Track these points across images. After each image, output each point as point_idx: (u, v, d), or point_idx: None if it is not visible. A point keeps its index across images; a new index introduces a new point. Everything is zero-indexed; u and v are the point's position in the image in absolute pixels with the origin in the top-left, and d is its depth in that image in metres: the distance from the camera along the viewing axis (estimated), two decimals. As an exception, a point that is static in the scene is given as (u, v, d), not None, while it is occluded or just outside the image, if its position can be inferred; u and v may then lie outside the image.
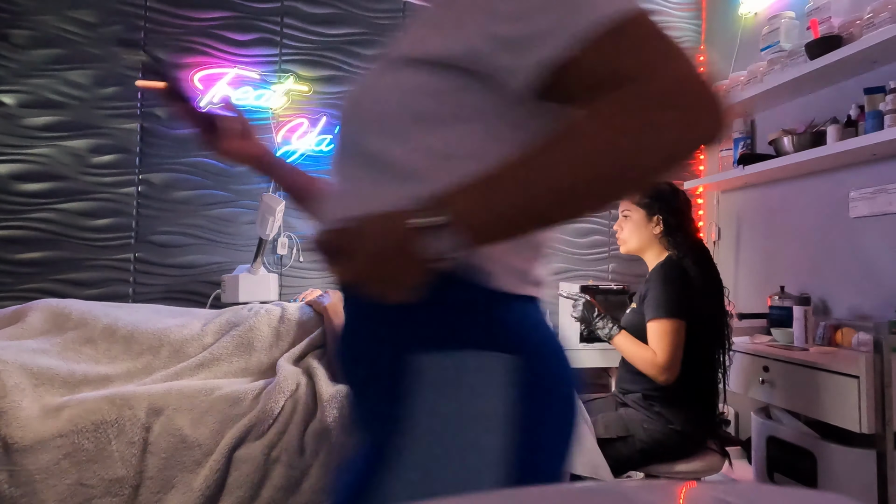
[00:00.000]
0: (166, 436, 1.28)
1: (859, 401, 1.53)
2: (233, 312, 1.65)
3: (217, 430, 1.31)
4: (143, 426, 1.27)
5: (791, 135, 2.11)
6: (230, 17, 2.41)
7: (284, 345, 1.59)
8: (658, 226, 1.74)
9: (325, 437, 1.34)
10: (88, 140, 2.26)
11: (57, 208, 2.22)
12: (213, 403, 1.33)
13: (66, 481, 1.19)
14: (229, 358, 1.50)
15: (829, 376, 1.63)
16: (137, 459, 1.25)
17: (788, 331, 1.95)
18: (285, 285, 2.44)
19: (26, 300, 2.06)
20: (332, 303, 1.66)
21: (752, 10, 2.60)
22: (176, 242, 2.34)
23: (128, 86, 2.29)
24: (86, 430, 1.23)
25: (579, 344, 2.34)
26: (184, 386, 1.36)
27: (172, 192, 2.34)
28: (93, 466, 1.21)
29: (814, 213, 2.20)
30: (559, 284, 2.60)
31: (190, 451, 1.28)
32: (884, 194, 1.93)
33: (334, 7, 2.52)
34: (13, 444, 1.19)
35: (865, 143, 1.79)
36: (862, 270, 2.01)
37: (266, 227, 2.13)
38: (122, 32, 2.30)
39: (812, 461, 1.72)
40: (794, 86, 2.15)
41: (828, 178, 2.15)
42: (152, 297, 2.29)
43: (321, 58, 2.50)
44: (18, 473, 1.18)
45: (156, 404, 1.30)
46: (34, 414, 1.24)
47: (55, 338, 1.43)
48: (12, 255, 2.17)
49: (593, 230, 2.77)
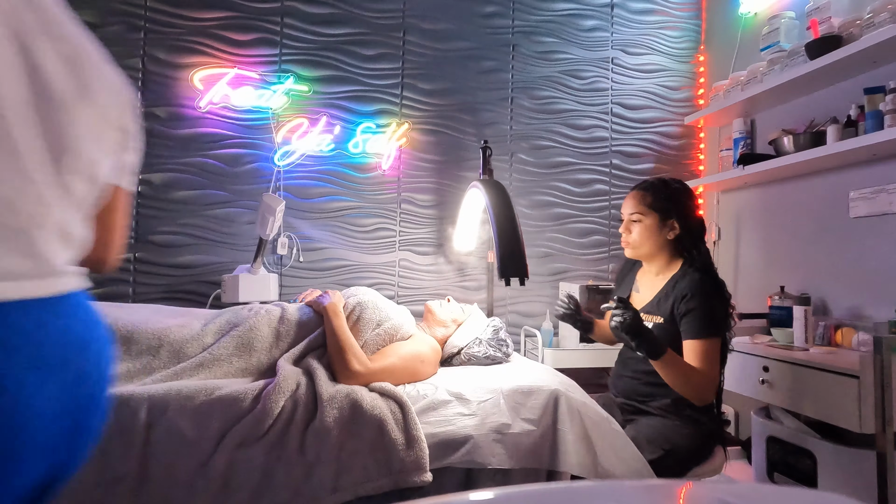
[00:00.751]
0: (167, 436, 1.28)
1: (859, 401, 1.53)
2: (233, 313, 1.65)
3: (217, 431, 1.31)
4: (143, 426, 1.27)
5: (791, 135, 2.11)
6: (230, 17, 2.41)
7: (284, 345, 1.59)
8: (673, 230, 1.63)
9: (325, 436, 1.35)
10: (88, 140, 2.26)
11: (57, 208, 2.21)
12: (213, 403, 1.33)
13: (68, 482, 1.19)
14: (229, 358, 1.50)
15: (829, 376, 1.63)
16: (138, 459, 1.25)
17: (788, 331, 1.95)
18: (285, 285, 2.44)
19: (26, 300, 2.06)
20: (332, 303, 1.66)
21: (752, 10, 2.60)
22: (176, 242, 2.34)
23: (128, 86, 2.29)
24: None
25: (579, 344, 2.34)
26: (183, 386, 1.36)
27: (172, 192, 2.34)
28: (93, 465, 1.21)
29: (814, 213, 2.20)
30: (559, 284, 2.60)
31: (190, 451, 1.28)
32: (884, 194, 1.93)
33: (334, 7, 2.52)
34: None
35: (865, 143, 1.79)
36: (862, 270, 2.01)
37: (266, 227, 2.14)
38: (122, 32, 2.30)
39: (812, 461, 1.72)
40: (794, 86, 2.16)
41: (828, 178, 2.15)
42: (152, 297, 2.29)
43: (321, 58, 2.50)
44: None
45: (156, 404, 1.30)
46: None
47: (55, 338, 1.43)
48: (12, 255, 2.17)
49: (593, 230, 2.77)
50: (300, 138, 2.43)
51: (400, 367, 1.59)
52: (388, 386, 1.49)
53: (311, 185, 2.49)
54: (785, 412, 1.90)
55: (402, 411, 1.42)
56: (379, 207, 2.56)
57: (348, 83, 2.53)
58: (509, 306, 2.68)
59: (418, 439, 1.38)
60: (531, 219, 2.70)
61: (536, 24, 2.74)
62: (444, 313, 1.91)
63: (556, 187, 2.74)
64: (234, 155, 2.41)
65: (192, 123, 2.36)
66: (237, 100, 2.38)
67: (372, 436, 1.37)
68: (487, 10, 2.69)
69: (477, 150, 2.43)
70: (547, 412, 1.51)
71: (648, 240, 1.65)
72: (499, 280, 1.86)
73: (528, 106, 2.73)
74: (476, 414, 1.48)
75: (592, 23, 2.81)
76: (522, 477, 1.47)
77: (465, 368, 1.80)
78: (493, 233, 1.90)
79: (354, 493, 1.33)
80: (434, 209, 2.62)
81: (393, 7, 2.58)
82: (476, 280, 2.65)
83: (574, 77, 2.78)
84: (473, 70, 2.67)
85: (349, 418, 1.38)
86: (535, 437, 1.47)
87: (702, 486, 0.49)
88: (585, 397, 1.57)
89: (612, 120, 2.81)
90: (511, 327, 2.61)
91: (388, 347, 1.66)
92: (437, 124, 2.63)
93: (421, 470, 1.36)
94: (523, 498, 0.42)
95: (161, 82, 2.34)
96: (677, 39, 2.90)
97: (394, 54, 2.58)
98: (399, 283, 2.57)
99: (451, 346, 1.87)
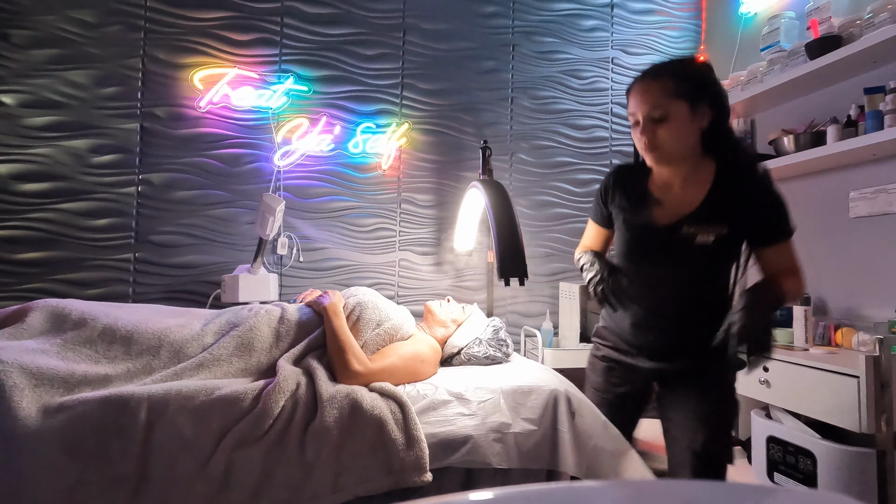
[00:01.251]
0: (167, 436, 1.27)
1: (859, 401, 1.53)
2: (233, 313, 1.65)
3: (217, 430, 1.31)
4: (143, 426, 1.27)
5: (791, 135, 2.11)
6: (230, 17, 2.41)
7: (284, 345, 1.59)
8: (705, 117, 1.28)
9: (325, 436, 1.35)
10: (88, 140, 2.26)
11: (57, 208, 2.22)
12: (213, 403, 1.33)
13: (67, 480, 1.19)
14: (229, 358, 1.50)
15: (829, 376, 1.63)
16: (138, 459, 1.25)
17: (788, 331, 1.95)
18: (285, 285, 2.44)
19: (26, 300, 2.06)
20: (332, 303, 1.66)
21: (752, 10, 2.60)
22: (176, 242, 2.34)
23: (128, 86, 2.30)
24: (86, 429, 1.23)
25: (579, 344, 2.34)
26: (183, 385, 1.36)
27: (172, 192, 2.34)
28: (93, 465, 1.21)
29: (814, 213, 2.20)
30: (559, 285, 2.60)
31: (190, 451, 1.28)
32: (884, 194, 1.93)
33: (334, 7, 2.52)
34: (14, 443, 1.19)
35: (865, 143, 1.80)
36: (862, 270, 2.01)
37: (266, 227, 2.14)
38: (122, 32, 2.30)
39: (812, 461, 1.72)
40: (794, 86, 2.16)
41: (828, 178, 2.15)
42: (152, 297, 2.29)
43: (321, 58, 2.50)
44: (19, 472, 1.18)
45: (156, 404, 1.30)
46: (33, 413, 1.23)
47: (55, 338, 1.43)
48: (12, 255, 2.17)
49: (593, 230, 2.77)
50: (300, 138, 2.43)
51: (400, 366, 1.59)
52: (388, 386, 1.49)
53: (311, 185, 2.49)
54: (785, 412, 1.90)
55: (402, 411, 1.42)
56: (379, 207, 2.56)
57: (348, 83, 2.53)
58: (509, 306, 2.67)
59: (418, 439, 1.38)
60: (531, 219, 2.70)
61: (536, 24, 2.74)
62: (443, 313, 1.91)
63: (556, 187, 2.74)
64: (234, 155, 2.41)
65: (192, 123, 2.36)
66: (237, 100, 2.38)
67: (372, 436, 1.37)
68: (487, 10, 2.69)
69: (477, 150, 2.44)
70: (547, 412, 1.51)
71: (680, 136, 1.27)
72: (498, 280, 1.86)
73: (528, 106, 2.73)
74: (476, 414, 1.48)
75: (592, 23, 2.81)
76: (522, 477, 1.47)
77: (465, 368, 1.80)
78: (492, 233, 1.90)
79: (354, 492, 1.33)
80: (434, 209, 2.62)
81: (393, 7, 2.58)
82: (476, 280, 2.65)
83: (574, 77, 2.78)
84: (473, 70, 2.67)
85: (349, 418, 1.38)
86: (535, 437, 1.47)
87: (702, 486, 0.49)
88: (585, 398, 1.56)
89: (612, 120, 2.81)
90: (511, 327, 2.61)
91: (388, 347, 1.65)
92: (437, 124, 2.62)
93: (421, 470, 1.36)
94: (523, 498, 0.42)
95: (161, 82, 2.34)
96: (677, 39, 2.90)
97: (394, 54, 2.58)
98: (399, 283, 2.57)
99: (451, 346, 1.87)
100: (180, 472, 1.26)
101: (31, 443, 1.20)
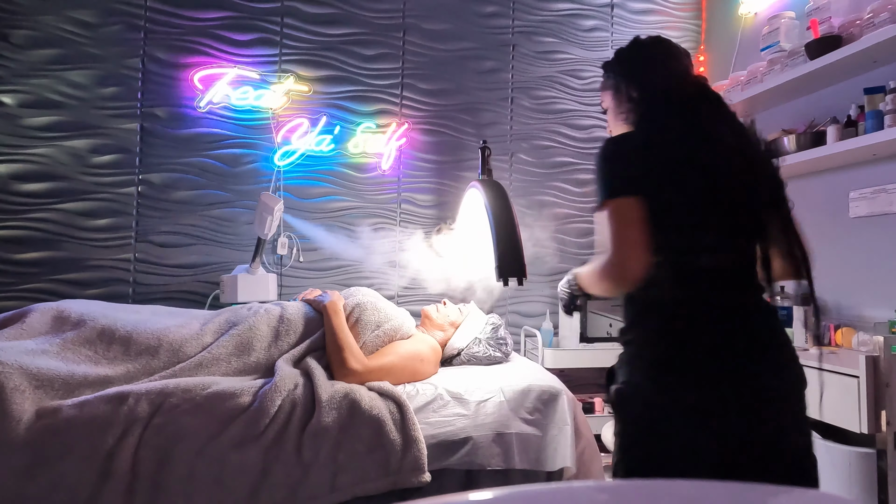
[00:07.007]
0: (163, 434, 1.27)
1: (859, 401, 1.53)
2: (232, 312, 1.65)
3: (214, 429, 1.31)
4: (140, 424, 1.27)
5: (791, 135, 2.11)
6: (230, 17, 2.41)
7: (284, 344, 1.58)
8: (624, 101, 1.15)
9: (323, 437, 1.34)
10: (88, 140, 2.26)
11: (57, 208, 2.22)
12: (208, 398, 1.33)
13: (68, 480, 1.19)
14: (228, 357, 1.50)
15: (829, 376, 1.63)
16: (137, 458, 1.25)
17: (788, 331, 1.95)
18: (285, 285, 2.44)
19: (26, 300, 2.06)
20: (332, 301, 1.66)
21: (752, 10, 2.60)
22: (176, 242, 2.34)
23: (128, 86, 2.30)
24: (85, 429, 1.23)
25: (579, 344, 2.34)
26: (181, 381, 1.36)
27: (172, 192, 2.34)
28: (93, 464, 1.21)
29: (814, 213, 2.20)
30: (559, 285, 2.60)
31: (187, 449, 1.28)
32: (884, 194, 1.93)
33: (334, 7, 2.52)
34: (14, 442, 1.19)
35: (865, 143, 1.79)
36: (862, 270, 2.00)
37: (264, 227, 2.13)
38: (122, 32, 2.30)
39: (812, 461, 1.71)
40: (794, 86, 2.15)
41: (828, 178, 2.15)
42: (152, 297, 2.29)
43: (321, 58, 2.50)
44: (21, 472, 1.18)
45: (153, 402, 1.30)
46: (34, 414, 1.23)
47: (54, 338, 1.43)
48: (12, 255, 2.17)
49: (593, 230, 2.77)
50: (300, 138, 2.43)
51: (399, 365, 1.58)
52: (386, 386, 1.49)
53: (311, 185, 2.49)
54: (785, 412, 1.89)
55: (400, 412, 1.42)
56: (379, 207, 2.56)
57: (348, 83, 2.53)
58: (509, 306, 2.67)
59: (416, 440, 1.38)
60: (531, 219, 2.70)
61: (536, 24, 2.74)
62: (440, 318, 1.91)
63: (556, 187, 2.74)
64: (234, 155, 2.41)
65: (192, 123, 2.36)
66: (237, 100, 2.38)
67: (370, 436, 1.37)
68: (487, 10, 2.69)
69: (477, 150, 2.43)
70: (546, 412, 1.50)
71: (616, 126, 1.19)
72: (497, 280, 1.85)
73: (528, 106, 2.73)
74: (476, 414, 1.48)
75: (592, 23, 2.80)
76: (522, 477, 1.47)
77: (464, 368, 1.80)
78: (491, 233, 1.90)
79: (352, 492, 1.33)
80: (434, 209, 2.62)
81: (393, 7, 2.58)
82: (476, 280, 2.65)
83: (574, 77, 2.78)
84: (473, 70, 2.67)
85: (347, 419, 1.38)
86: (535, 437, 1.47)
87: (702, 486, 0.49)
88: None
89: (612, 120, 2.81)
90: (511, 327, 2.61)
91: (388, 346, 1.65)
92: (437, 124, 2.62)
93: (419, 471, 1.35)
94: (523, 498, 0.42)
95: (161, 82, 2.34)
96: (677, 39, 2.84)
97: (394, 54, 2.58)
98: (399, 283, 2.57)
99: (452, 348, 1.87)
100: (176, 470, 1.26)
101: (31, 443, 1.20)
